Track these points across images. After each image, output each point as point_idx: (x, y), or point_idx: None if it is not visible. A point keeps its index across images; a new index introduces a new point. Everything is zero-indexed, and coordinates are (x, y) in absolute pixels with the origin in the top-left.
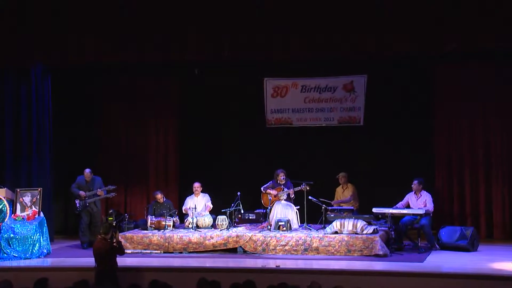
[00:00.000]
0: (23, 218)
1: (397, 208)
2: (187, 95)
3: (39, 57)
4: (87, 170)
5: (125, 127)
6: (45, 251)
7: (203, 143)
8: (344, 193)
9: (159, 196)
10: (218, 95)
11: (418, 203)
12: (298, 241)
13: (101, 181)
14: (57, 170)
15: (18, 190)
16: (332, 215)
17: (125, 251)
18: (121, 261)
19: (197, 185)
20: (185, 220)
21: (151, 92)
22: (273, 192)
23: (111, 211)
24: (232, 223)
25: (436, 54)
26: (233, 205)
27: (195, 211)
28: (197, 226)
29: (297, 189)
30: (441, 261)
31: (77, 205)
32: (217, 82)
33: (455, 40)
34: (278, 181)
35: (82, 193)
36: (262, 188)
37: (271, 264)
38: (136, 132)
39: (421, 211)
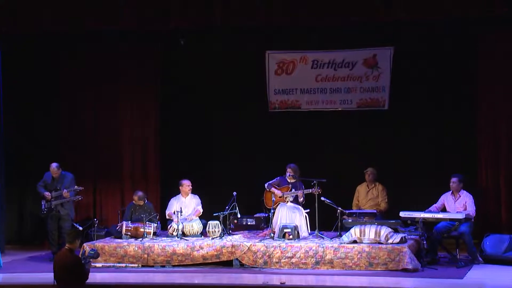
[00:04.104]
0: None
1: (430, 211)
2: (171, 71)
3: None
4: (54, 165)
5: (92, 110)
6: None
7: (191, 132)
8: (369, 193)
9: (137, 196)
10: (210, 72)
11: (457, 205)
12: (308, 252)
13: (73, 179)
14: (9, 165)
15: None
16: (350, 220)
17: (94, 264)
18: (90, 276)
19: (187, 183)
20: (169, 227)
21: (125, 68)
22: (278, 192)
23: None
24: (227, 230)
25: (482, 20)
26: (228, 208)
27: (181, 215)
28: (183, 234)
29: (307, 191)
30: (484, 277)
31: (42, 207)
32: (208, 55)
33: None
34: (287, 179)
35: (47, 194)
36: (266, 185)
37: (275, 280)
38: (107, 115)
39: (460, 216)
